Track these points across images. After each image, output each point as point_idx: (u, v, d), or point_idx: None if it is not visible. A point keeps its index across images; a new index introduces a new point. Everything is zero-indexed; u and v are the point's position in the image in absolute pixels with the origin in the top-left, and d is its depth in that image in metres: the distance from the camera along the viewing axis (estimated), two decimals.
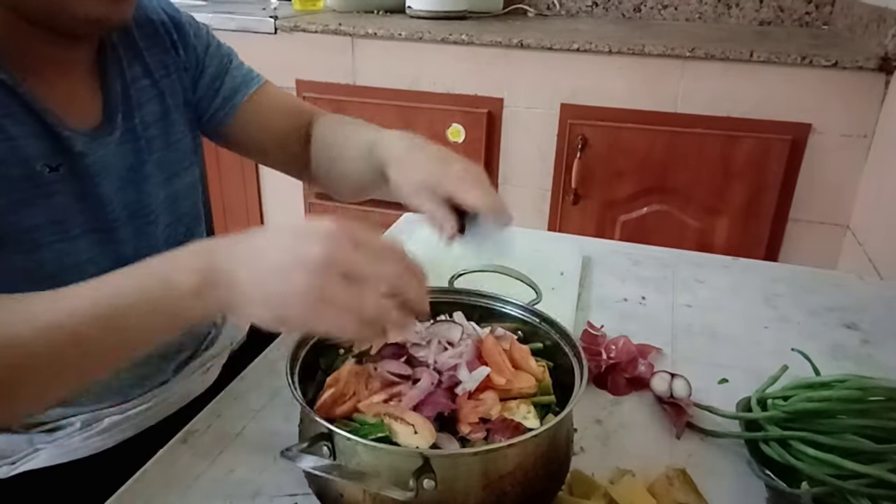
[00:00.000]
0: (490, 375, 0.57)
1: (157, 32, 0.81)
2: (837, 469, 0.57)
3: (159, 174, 0.79)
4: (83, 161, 0.68)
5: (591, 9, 2.25)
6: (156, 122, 0.79)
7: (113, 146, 0.72)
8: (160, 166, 0.79)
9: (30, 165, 0.64)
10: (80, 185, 0.68)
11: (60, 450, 0.75)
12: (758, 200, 1.68)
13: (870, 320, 0.91)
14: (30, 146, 0.64)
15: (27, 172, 0.64)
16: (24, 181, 0.64)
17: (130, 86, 0.76)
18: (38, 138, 0.64)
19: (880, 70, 1.51)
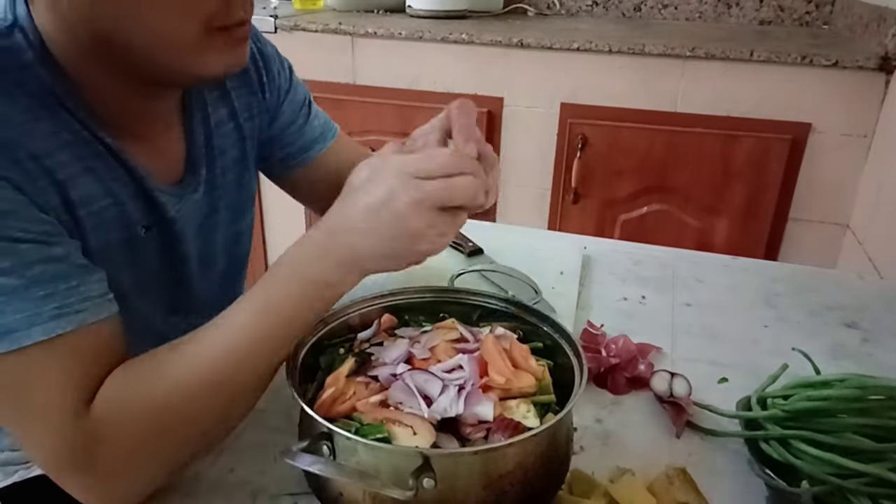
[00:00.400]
0: (490, 375, 0.57)
1: (247, 71, 0.78)
2: (838, 468, 0.57)
3: (227, 217, 0.79)
4: (170, 219, 0.68)
5: (591, 8, 2.25)
6: (233, 166, 0.78)
7: (197, 200, 0.72)
8: (229, 209, 0.79)
9: (131, 229, 0.64)
10: (165, 243, 0.69)
11: None
12: (758, 200, 1.68)
13: (870, 319, 0.91)
14: (132, 210, 0.64)
15: (128, 236, 0.64)
16: (124, 245, 0.64)
17: (214, 132, 0.74)
18: (136, 200, 0.64)
19: (880, 70, 1.51)
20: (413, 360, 0.59)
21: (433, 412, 0.53)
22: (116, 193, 0.62)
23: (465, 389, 0.55)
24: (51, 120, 0.57)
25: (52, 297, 0.52)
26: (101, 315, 0.54)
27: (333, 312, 0.65)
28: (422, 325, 0.68)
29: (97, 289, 0.55)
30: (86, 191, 0.59)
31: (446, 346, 0.61)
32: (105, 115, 0.61)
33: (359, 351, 0.62)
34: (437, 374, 0.56)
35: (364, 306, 0.68)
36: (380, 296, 0.69)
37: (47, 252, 0.53)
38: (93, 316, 0.54)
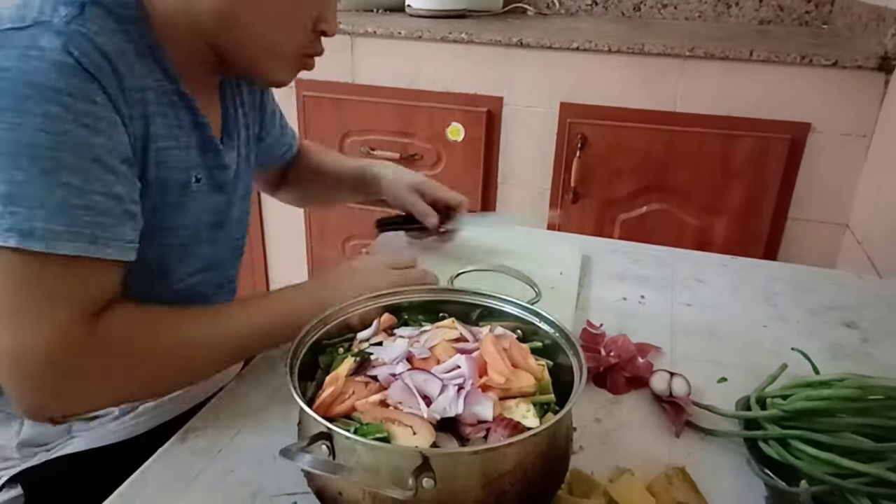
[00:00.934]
0: (489, 374, 0.57)
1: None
2: (837, 468, 0.57)
3: (241, 192, 0.87)
4: (224, 165, 0.78)
5: (591, 7, 2.25)
6: (245, 144, 0.88)
7: (235, 159, 0.82)
8: (243, 184, 0.87)
9: (188, 174, 0.73)
10: (215, 197, 0.78)
11: (95, 435, 0.78)
12: (757, 199, 1.68)
13: (869, 319, 0.91)
14: (191, 157, 0.73)
15: (185, 180, 0.73)
16: (180, 188, 0.72)
17: (238, 109, 0.85)
18: (196, 150, 0.74)
19: (880, 69, 1.51)
20: (413, 359, 0.59)
21: (433, 412, 0.53)
22: (180, 139, 0.71)
23: (464, 389, 0.55)
24: (144, 64, 0.67)
25: (95, 225, 0.60)
26: (122, 257, 0.63)
27: (333, 312, 0.65)
28: (421, 324, 0.68)
29: (129, 235, 0.64)
30: (160, 130, 0.68)
31: (446, 346, 0.61)
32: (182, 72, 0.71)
33: (358, 350, 0.62)
34: (436, 375, 0.56)
35: (363, 306, 0.68)
36: (379, 295, 0.69)
37: (111, 186, 0.62)
38: (116, 254, 0.62)
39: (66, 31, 0.59)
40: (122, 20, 0.65)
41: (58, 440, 0.78)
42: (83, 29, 0.60)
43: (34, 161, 0.57)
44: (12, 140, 0.57)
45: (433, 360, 0.59)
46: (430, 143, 1.86)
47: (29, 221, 0.57)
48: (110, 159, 0.62)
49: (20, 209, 0.57)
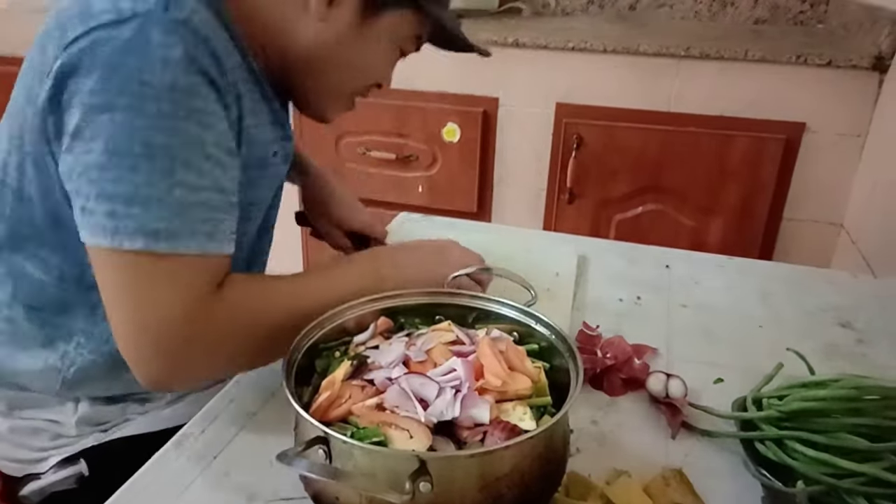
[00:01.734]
0: (486, 377, 0.57)
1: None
2: (833, 468, 0.57)
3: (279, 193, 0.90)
4: (289, 143, 0.81)
5: (587, 7, 2.25)
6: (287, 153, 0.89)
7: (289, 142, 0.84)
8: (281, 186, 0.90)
9: (267, 149, 0.76)
10: (282, 170, 0.82)
11: (149, 419, 0.81)
12: (752, 199, 1.68)
13: (864, 319, 0.92)
14: (272, 131, 0.76)
15: (264, 156, 0.76)
16: (260, 164, 0.75)
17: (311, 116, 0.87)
18: (270, 125, 0.76)
19: (874, 69, 1.51)
20: (409, 362, 0.59)
21: (429, 415, 0.53)
22: (259, 114, 0.73)
23: (460, 392, 0.55)
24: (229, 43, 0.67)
25: (208, 221, 0.62)
26: (230, 250, 0.65)
27: (329, 316, 0.65)
28: (417, 327, 0.67)
29: (233, 227, 0.66)
30: (247, 107, 0.70)
31: (442, 349, 0.61)
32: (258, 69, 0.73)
33: (355, 354, 0.62)
34: (432, 378, 0.56)
35: (359, 309, 0.68)
36: (375, 298, 0.69)
37: (219, 180, 0.63)
38: (227, 249, 0.64)
39: (169, 23, 0.59)
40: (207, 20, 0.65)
41: (113, 421, 0.80)
42: (182, 16, 0.60)
43: (151, 161, 0.58)
44: (129, 140, 0.58)
45: (430, 364, 0.59)
46: (425, 144, 1.86)
47: (153, 223, 0.59)
48: (219, 153, 0.63)
49: (143, 210, 0.58)
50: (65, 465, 0.78)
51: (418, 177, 1.90)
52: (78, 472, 0.78)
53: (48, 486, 0.78)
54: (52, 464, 0.78)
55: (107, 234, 0.59)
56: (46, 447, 0.79)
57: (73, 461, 0.78)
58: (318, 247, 2.09)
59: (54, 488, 0.79)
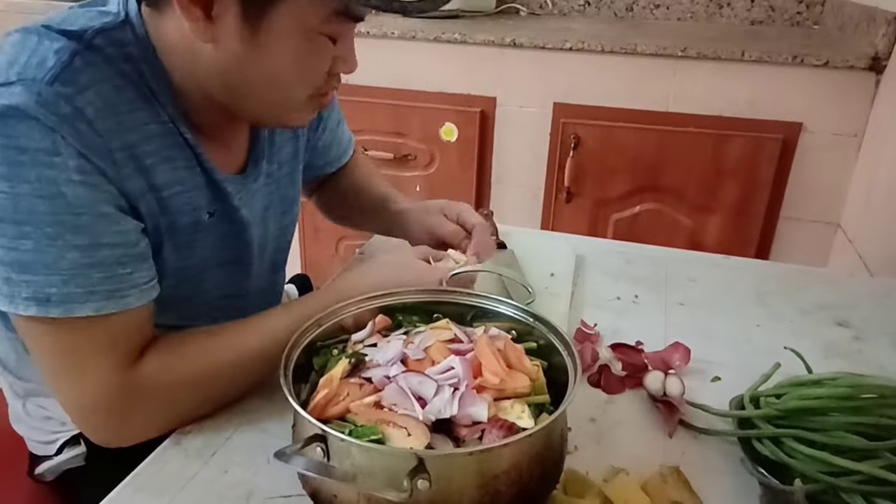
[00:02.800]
0: (484, 375, 0.57)
1: None
2: (830, 466, 0.57)
3: (280, 208, 0.86)
4: (233, 206, 0.75)
5: (584, 8, 2.26)
6: (288, 161, 0.86)
7: (257, 190, 0.79)
8: (282, 201, 0.86)
9: (197, 214, 0.71)
10: (229, 229, 0.76)
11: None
12: (749, 199, 1.69)
13: (860, 317, 0.92)
14: (200, 196, 0.71)
15: (194, 220, 0.71)
16: (190, 227, 0.71)
17: (276, 129, 0.82)
18: (204, 189, 0.71)
19: (870, 69, 1.52)
20: (407, 360, 0.59)
21: (427, 413, 0.53)
22: (186, 181, 0.69)
23: (458, 390, 0.55)
24: (145, 111, 0.64)
25: (109, 279, 0.60)
26: (143, 301, 0.64)
27: (327, 314, 0.65)
28: (416, 325, 0.67)
29: (146, 276, 0.64)
30: (163, 178, 0.66)
31: (440, 347, 0.61)
32: (188, 114, 0.69)
33: (352, 352, 0.62)
34: (430, 376, 0.56)
35: (357, 307, 0.68)
36: (373, 296, 0.69)
37: (118, 234, 0.61)
38: (136, 301, 0.63)
39: (45, 94, 0.57)
40: (122, 61, 0.63)
41: None
42: (66, 89, 0.58)
43: (38, 228, 0.57)
44: (13, 208, 0.57)
45: (428, 361, 0.59)
46: (423, 144, 1.86)
47: (44, 289, 0.58)
48: (109, 209, 0.61)
49: (34, 277, 0.58)
50: (70, 445, 0.81)
51: (416, 176, 1.90)
52: (83, 451, 0.81)
53: (59, 465, 0.82)
54: (59, 445, 0.81)
55: (5, 301, 0.59)
56: (56, 430, 0.82)
57: (76, 442, 0.81)
58: (318, 246, 2.09)
59: (65, 466, 0.82)
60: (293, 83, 0.67)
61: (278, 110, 0.70)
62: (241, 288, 0.83)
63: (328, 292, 0.73)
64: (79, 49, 0.60)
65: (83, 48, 0.61)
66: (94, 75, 0.60)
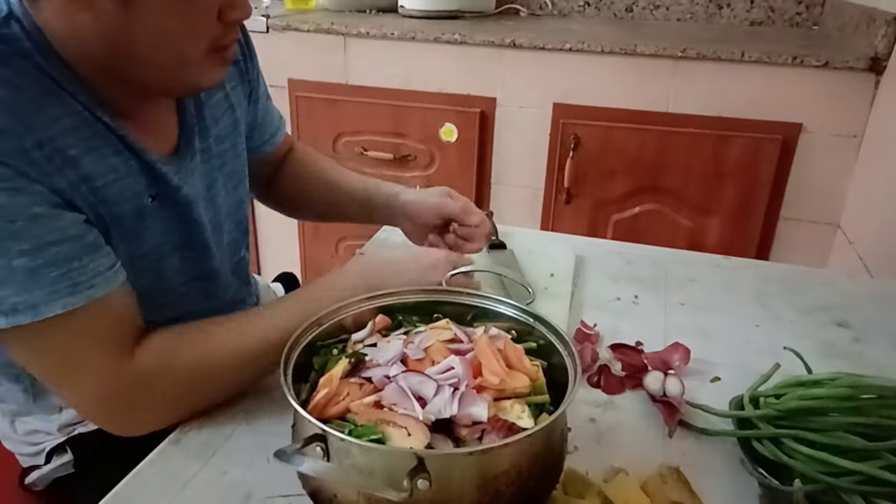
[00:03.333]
0: (484, 375, 0.57)
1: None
2: (830, 467, 0.57)
3: (229, 184, 0.84)
4: (174, 188, 0.72)
5: (583, 9, 2.26)
6: (228, 134, 0.83)
7: (195, 168, 0.77)
8: (230, 177, 0.84)
9: (138, 200, 0.69)
10: (175, 211, 0.74)
11: None
12: (749, 200, 1.69)
13: (860, 318, 0.92)
14: (137, 182, 0.68)
15: (136, 206, 0.69)
16: (134, 214, 0.69)
17: (205, 103, 0.79)
18: (139, 174, 0.69)
19: (870, 70, 1.52)
20: (407, 360, 0.59)
21: (427, 413, 0.53)
22: (118, 168, 0.66)
23: (458, 390, 0.55)
24: (55, 106, 0.61)
25: (67, 275, 0.59)
26: (110, 286, 0.62)
27: (327, 313, 0.65)
28: (416, 325, 0.67)
29: (105, 263, 0.63)
30: (91, 169, 0.63)
31: (440, 347, 0.61)
32: (102, 98, 0.65)
33: (352, 352, 0.62)
34: (430, 376, 0.56)
35: (358, 307, 0.68)
36: (373, 296, 0.69)
37: (61, 230, 0.59)
38: (102, 289, 0.61)
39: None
40: (17, 57, 0.60)
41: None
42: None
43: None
44: None
45: (428, 361, 0.59)
46: (423, 144, 1.86)
47: (6, 300, 0.57)
48: (43, 209, 0.59)
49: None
50: (58, 453, 0.82)
51: (416, 177, 1.90)
52: (70, 459, 0.81)
53: (49, 474, 0.83)
54: (45, 453, 0.82)
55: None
56: (41, 441, 0.82)
57: (63, 450, 0.82)
58: (317, 246, 2.09)
59: (55, 475, 0.83)
60: (182, 37, 0.63)
61: (181, 72, 0.66)
62: (205, 270, 0.81)
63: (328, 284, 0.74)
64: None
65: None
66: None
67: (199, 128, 0.78)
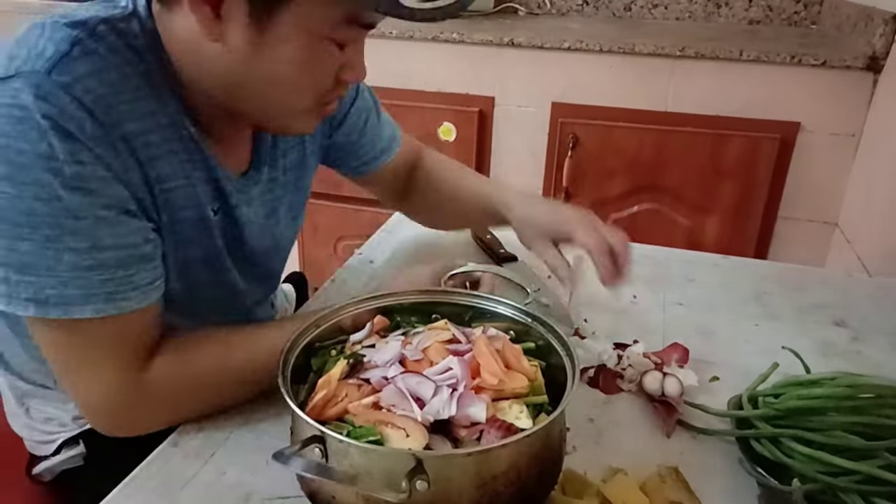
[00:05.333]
0: (482, 376, 0.57)
1: None
2: (828, 466, 0.57)
3: (288, 216, 0.86)
4: (233, 205, 0.74)
5: (582, 7, 2.26)
6: (293, 168, 0.84)
7: (257, 193, 0.78)
8: (290, 208, 0.86)
9: (201, 209, 0.70)
10: (230, 229, 0.75)
11: None
12: (747, 199, 1.69)
13: (858, 317, 0.92)
14: (203, 192, 0.70)
15: (199, 215, 0.70)
16: (196, 223, 0.70)
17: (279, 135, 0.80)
18: (207, 185, 0.70)
19: (868, 69, 1.52)
20: (405, 361, 0.59)
21: (426, 414, 0.53)
22: (190, 176, 0.68)
23: (457, 391, 0.55)
24: (153, 100, 0.64)
25: (109, 282, 0.60)
26: (145, 303, 0.63)
27: (325, 315, 0.65)
28: (414, 326, 0.67)
29: (148, 277, 0.64)
30: (165, 170, 0.65)
31: (439, 347, 0.61)
32: (194, 110, 0.68)
33: (351, 353, 0.62)
34: (429, 377, 0.56)
35: (356, 308, 0.68)
36: (372, 297, 0.69)
37: (120, 237, 0.61)
38: (137, 303, 0.62)
39: (43, 85, 0.56)
40: (127, 50, 0.62)
41: None
42: (64, 78, 0.57)
43: (36, 230, 0.57)
44: (13, 209, 0.57)
45: (426, 362, 0.59)
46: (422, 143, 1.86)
47: (43, 290, 0.58)
48: (111, 213, 0.60)
49: (33, 278, 0.58)
50: (69, 445, 0.82)
51: None
52: (81, 451, 0.82)
53: (56, 465, 0.83)
54: (57, 445, 0.82)
55: (4, 301, 0.59)
56: (54, 432, 0.82)
57: (75, 442, 0.82)
58: (316, 246, 2.09)
59: (63, 466, 0.83)
60: (297, 88, 0.65)
61: (281, 115, 0.69)
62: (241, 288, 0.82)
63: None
64: (80, 37, 0.59)
65: (86, 36, 0.60)
66: (94, 63, 0.59)
67: (270, 157, 0.80)
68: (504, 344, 0.61)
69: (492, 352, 0.59)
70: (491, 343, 0.60)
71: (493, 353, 0.59)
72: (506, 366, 0.59)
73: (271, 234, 0.83)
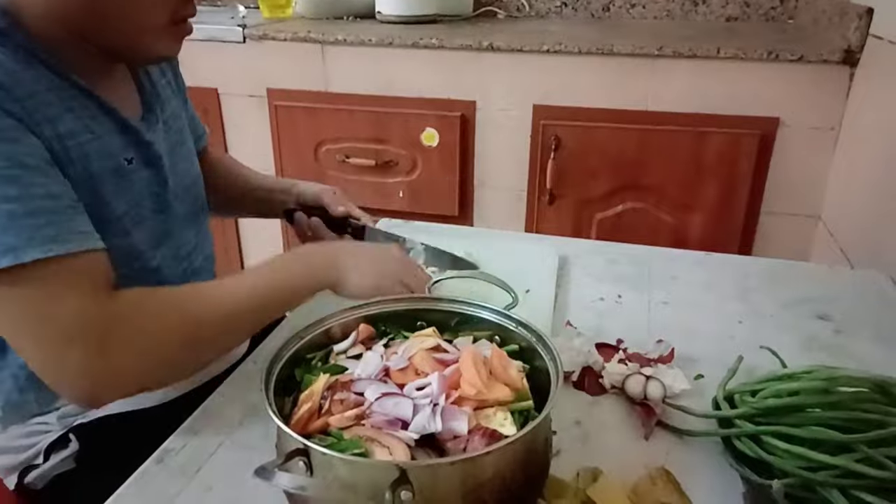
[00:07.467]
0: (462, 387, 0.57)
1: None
2: (808, 461, 0.58)
3: (189, 157, 0.90)
4: (149, 150, 0.78)
5: (561, 9, 2.27)
6: (178, 115, 0.89)
7: (161, 133, 0.82)
8: (189, 154, 0.90)
9: (115, 160, 0.73)
10: (148, 173, 0.78)
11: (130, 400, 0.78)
12: (730, 195, 1.70)
13: (842, 310, 0.93)
14: (113, 143, 0.73)
15: (114, 166, 0.73)
16: (113, 174, 0.72)
17: (156, 83, 0.85)
18: (116, 134, 0.74)
19: (844, 63, 1.53)
20: (390, 372, 0.59)
21: (411, 433, 0.53)
22: (94, 129, 0.70)
23: (438, 405, 0.54)
24: (33, 70, 0.66)
25: (48, 225, 0.61)
26: (88, 246, 0.64)
27: (311, 325, 0.65)
28: (401, 333, 0.67)
29: (83, 226, 0.65)
30: (69, 126, 0.67)
31: (424, 356, 0.61)
32: (74, 65, 0.70)
33: (332, 365, 0.62)
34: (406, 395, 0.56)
35: (341, 317, 0.68)
36: (357, 306, 0.69)
37: (47, 186, 0.62)
38: (80, 246, 0.63)
39: None
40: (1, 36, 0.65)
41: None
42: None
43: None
44: None
45: (411, 371, 0.59)
46: (405, 150, 1.86)
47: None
48: (35, 161, 0.62)
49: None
50: (57, 448, 0.81)
51: (399, 182, 1.90)
52: (72, 451, 0.81)
53: (48, 471, 0.82)
54: (44, 448, 0.81)
55: None
56: (38, 440, 0.82)
57: (63, 442, 0.81)
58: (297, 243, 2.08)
59: (55, 472, 0.82)
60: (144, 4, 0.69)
61: (141, 33, 0.71)
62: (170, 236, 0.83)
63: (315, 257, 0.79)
64: None
65: None
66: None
67: (157, 102, 0.83)
68: (494, 352, 0.61)
69: (476, 362, 0.59)
70: (478, 352, 0.60)
71: (478, 363, 0.59)
72: (492, 374, 0.59)
73: (176, 172, 0.84)
